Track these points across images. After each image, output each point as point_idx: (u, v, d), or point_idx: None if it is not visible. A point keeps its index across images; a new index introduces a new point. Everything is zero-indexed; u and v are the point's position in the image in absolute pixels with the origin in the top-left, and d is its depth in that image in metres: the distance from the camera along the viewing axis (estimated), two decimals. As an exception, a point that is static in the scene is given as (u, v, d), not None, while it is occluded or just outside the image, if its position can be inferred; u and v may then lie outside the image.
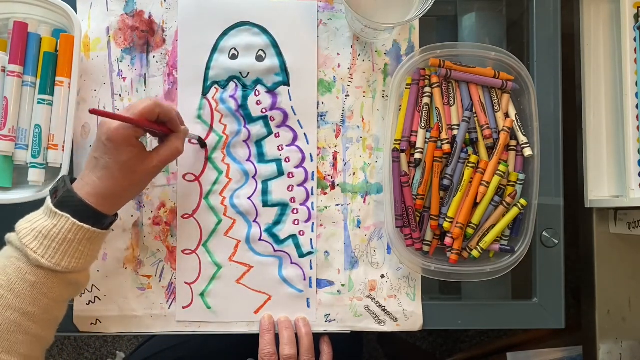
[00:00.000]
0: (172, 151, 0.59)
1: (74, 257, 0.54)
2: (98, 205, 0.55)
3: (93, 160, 0.55)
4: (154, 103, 0.56)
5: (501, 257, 0.65)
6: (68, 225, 0.53)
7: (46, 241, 0.52)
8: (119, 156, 0.54)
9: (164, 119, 0.58)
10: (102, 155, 0.54)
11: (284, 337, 0.64)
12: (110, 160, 0.54)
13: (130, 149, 0.55)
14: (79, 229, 0.53)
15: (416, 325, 0.67)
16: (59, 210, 0.53)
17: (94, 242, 0.55)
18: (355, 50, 0.68)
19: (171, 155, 0.59)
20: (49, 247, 0.52)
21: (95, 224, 0.55)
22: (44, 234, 0.52)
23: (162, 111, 0.56)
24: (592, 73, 0.72)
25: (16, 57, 0.62)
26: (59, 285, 0.54)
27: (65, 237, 0.53)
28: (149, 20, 0.68)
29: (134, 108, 0.55)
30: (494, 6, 0.73)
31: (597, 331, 0.74)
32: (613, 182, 0.71)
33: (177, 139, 0.59)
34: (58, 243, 0.53)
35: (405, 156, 0.66)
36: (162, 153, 0.58)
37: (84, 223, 0.54)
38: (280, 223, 0.67)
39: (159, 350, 0.83)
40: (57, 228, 0.53)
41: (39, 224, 0.53)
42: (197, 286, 0.67)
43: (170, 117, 0.58)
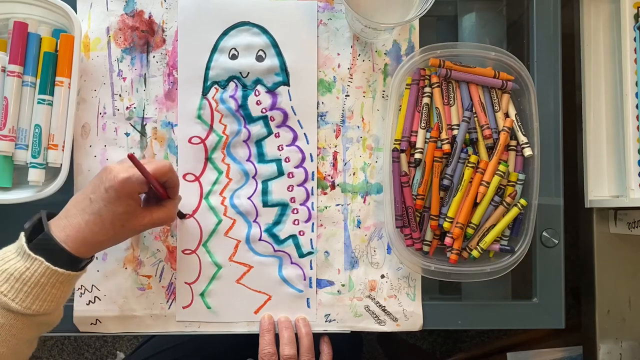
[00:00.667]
0: (166, 216, 0.58)
1: (45, 300, 0.52)
2: (75, 249, 0.53)
3: (87, 200, 0.53)
4: (170, 167, 0.56)
5: (501, 257, 0.65)
6: (41, 270, 0.51)
7: (17, 284, 0.50)
8: (116, 207, 0.53)
9: (168, 185, 0.58)
10: (99, 200, 0.53)
11: (283, 337, 0.64)
12: (106, 208, 0.53)
13: (130, 202, 0.54)
14: (53, 273, 0.51)
15: (416, 325, 0.67)
16: (32, 253, 0.51)
17: (67, 284, 0.53)
18: (355, 50, 0.68)
19: (164, 220, 0.59)
20: (20, 291, 0.50)
21: (70, 268, 0.53)
22: (16, 276, 0.50)
23: (171, 176, 0.57)
24: (592, 73, 0.72)
25: (16, 57, 0.62)
26: (29, 327, 0.52)
27: (38, 281, 0.51)
28: (149, 20, 0.68)
29: (149, 164, 0.55)
30: (494, 6, 0.73)
31: (597, 331, 0.74)
32: (613, 182, 0.71)
33: (173, 207, 0.60)
34: (30, 287, 0.50)
35: (405, 156, 0.66)
36: (156, 215, 0.58)
37: (59, 267, 0.51)
38: (280, 223, 0.67)
39: (159, 351, 0.83)
40: (30, 271, 0.50)
41: (10, 265, 0.51)
42: (197, 286, 0.67)
43: (175, 185, 0.59)
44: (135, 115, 0.67)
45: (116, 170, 0.53)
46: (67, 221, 0.53)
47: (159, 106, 0.68)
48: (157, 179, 0.56)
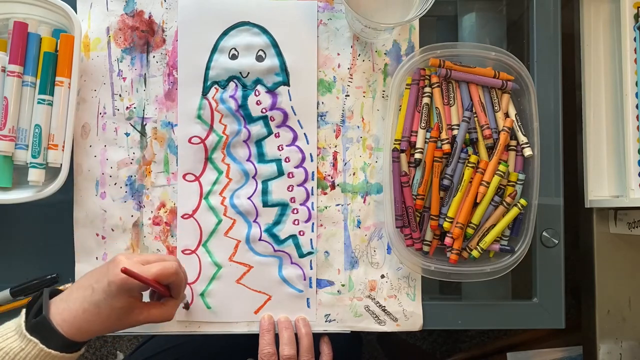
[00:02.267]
0: (165, 315, 0.58)
1: None
2: (70, 334, 0.53)
3: (89, 289, 0.54)
4: (175, 270, 0.55)
5: (501, 257, 0.65)
6: (35, 351, 0.51)
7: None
8: (115, 302, 0.53)
9: (172, 286, 0.58)
10: (100, 291, 0.53)
11: (283, 337, 0.64)
12: (105, 301, 0.53)
13: (129, 299, 0.54)
14: (46, 355, 0.52)
15: (416, 325, 0.67)
16: (28, 334, 0.52)
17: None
18: (355, 50, 0.68)
19: (162, 318, 0.58)
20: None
21: (64, 350, 0.53)
22: (11, 356, 0.51)
23: (176, 279, 0.56)
24: (592, 73, 0.72)
25: (16, 57, 0.62)
26: None
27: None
28: (149, 20, 0.68)
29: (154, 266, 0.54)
30: (494, 6, 0.73)
31: (597, 331, 0.74)
32: (613, 182, 0.71)
33: (173, 307, 0.59)
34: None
35: (405, 156, 0.66)
36: (154, 314, 0.57)
37: (52, 349, 0.52)
38: (280, 223, 0.67)
39: (159, 351, 0.83)
40: (24, 352, 0.51)
41: (7, 345, 0.52)
42: (197, 286, 0.67)
43: (179, 286, 0.58)
44: (135, 115, 0.67)
45: (123, 264, 0.53)
46: (67, 305, 0.54)
47: (159, 106, 0.68)
48: (161, 281, 0.55)
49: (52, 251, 0.67)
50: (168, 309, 0.58)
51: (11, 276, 0.66)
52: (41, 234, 0.67)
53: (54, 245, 0.67)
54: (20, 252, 0.68)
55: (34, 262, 0.67)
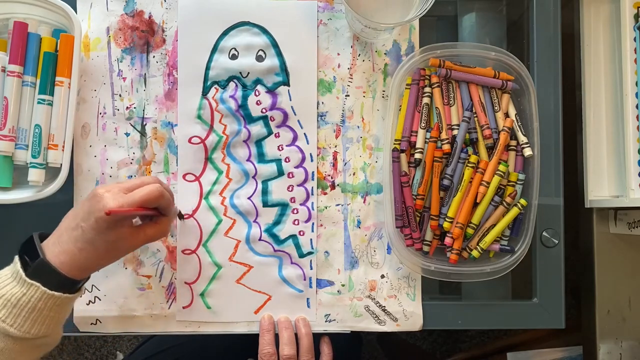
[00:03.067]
0: (159, 233, 0.58)
1: (43, 324, 0.52)
2: (72, 273, 0.53)
3: (78, 229, 0.52)
4: (159, 193, 0.55)
5: (501, 257, 0.65)
6: (38, 295, 0.51)
7: (15, 310, 0.51)
8: (108, 236, 0.53)
9: (161, 207, 0.57)
10: (89, 230, 0.52)
11: (283, 337, 0.64)
12: (98, 238, 0.52)
13: (120, 229, 0.54)
14: (50, 297, 0.51)
15: (416, 325, 0.67)
16: (28, 279, 0.51)
17: (65, 306, 0.54)
18: (355, 50, 0.68)
19: (158, 236, 0.58)
20: (18, 316, 0.51)
21: (67, 291, 0.53)
22: (13, 302, 0.50)
23: (163, 201, 0.56)
24: (592, 73, 0.72)
25: (16, 57, 0.62)
26: (28, 350, 0.52)
27: (35, 306, 0.51)
28: (149, 20, 0.68)
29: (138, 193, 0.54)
30: (494, 6, 0.73)
31: (597, 331, 0.74)
32: (613, 182, 0.71)
33: (167, 223, 0.59)
34: (27, 312, 0.51)
35: (405, 156, 0.66)
36: (149, 233, 0.57)
37: (55, 291, 0.52)
38: (280, 223, 0.67)
39: (159, 351, 0.83)
40: (27, 297, 0.51)
41: (7, 291, 0.51)
42: (197, 286, 0.67)
43: (167, 205, 0.57)
44: (135, 115, 0.67)
45: (105, 200, 0.52)
46: (61, 247, 0.53)
47: (159, 106, 0.68)
48: (148, 206, 0.55)
49: (52, 251, 0.67)
50: (162, 226, 0.58)
51: (11, 276, 0.66)
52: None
53: (54, 245, 0.67)
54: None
55: (34, 262, 0.67)
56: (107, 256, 0.55)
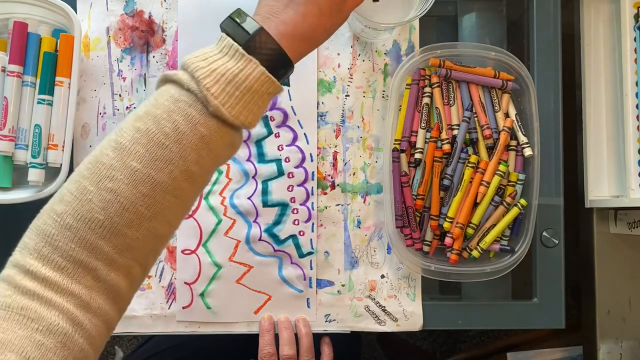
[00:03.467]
0: None
1: (251, 111, 0.43)
2: (291, 50, 0.44)
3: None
4: None
5: (501, 257, 0.65)
6: (256, 74, 0.42)
7: (229, 87, 0.42)
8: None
9: None
10: None
11: (283, 337, 0.64)
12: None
13: None
14: (265, 81, 0.43)
15: (416, 325, 0.67)
16: (247, 54, 0.42)
17: (270, 98, 0.45)
18: (355, 50, 0.68)
19: None
20: (232, 95, 0.42)
21: (282, 75, 0.45)
22: (229, 78, 0.42)
23: None
24: (592, 73, 0.72)
25: (16, 57, 0.62)
26: (223, 144, 0.43)
27: (252, 86, 0.42)
28: (149, 20, 0.68)
29: None
30: (494, 6, 0.73)
31: (597, 331, 0.74)
32: (613, 182, 0.71)
33: None
34: (242, 92, 0.42)
35: (405, 156, 0.66)
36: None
37: (273, 74, 0.43)
38: (280, 223, 0.67)
39: (159, 351, 0.83)
40: (244, 74, 0.42)
41: (220, 65, 0.42)
42: (197, 286, 0.67)
43: None
44: (135, 115, 0.67)
45: None
46: (278, 18, 0.44)
47: (159, 106, 0.67)
48: None
49: (52, 251, 0.67)
50: None
51: (11, 276, 0.66)
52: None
53: (54, 245, 0.67)
54: (20, 252, 0.67)
55: (34, 262, 0.67)
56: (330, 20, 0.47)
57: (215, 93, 0.41)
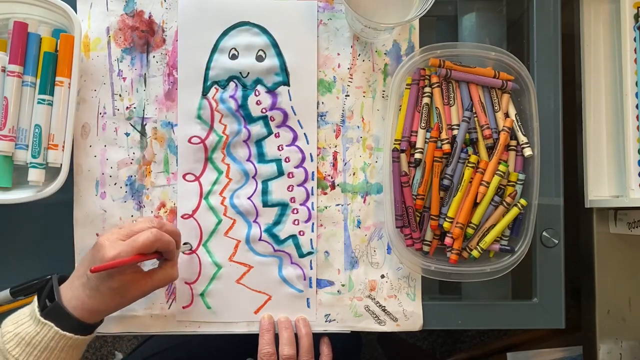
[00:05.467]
0: (166, 278, 0.59)
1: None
2: (83, 317, 0.55)
3: (84, 276, 0.55)
4: (155, 238, 0.55)
5: (501, 257, 0.65)
6: (51, 334, 0.53)
7: (28, 348, 0.53)
8: (111, 283, 0.54)
9: (161, 250, 0.58)
10: (93, 278, 0.54)
11: (283, 337, 0.64)
12: (101, 284, 0.54)
13: (122, 277, 0.55)
14: (62, 337, 0.53)
15: (416, 325, 0.67)
16: (42, 319, 0.53)
17: (76, 348, 0.56)
18: (355, 50, 0.68)
19: (165, 281, 0.59)
20: (31, 354, 0.53)
21: (79, 332, 0.55)
22: (27, 340, 0.53)
23: (161, 244, 0.56)
24: (592, 73, 0.72)
25: (16, 57, 0.62)
26: None
27: (48, 345, 0.53)
28: (149, 20, 0.68)
29: (134, 240, 0.54)
30: (494, 6, 0.73)
31: (597, 331, 0.74)
32: (613, 182, 0.71)
33: (172, 267, 0.60)
34: (40, 350, 0.53)
35: (405, 156, 0.66)
36: (156, 278, 0.58)
37: (67, 332, 0.54)
38: (280, 223, 0.67)
39: (159, 350, 0.83)
40: (40, 336, 0.53)
41: (22, 330, 0.53)
42: (197, 286, 0.67)
43: (168, 249, 0.58)
44: (135, 115, 0.67)
45: (104, 250, 0.54)
46: (72, 293, 0.55)
47: (159, 106, 0.68)
48: (145, 252, 0.55)
49: (52, 251, 0.67)
50: (168, 270, 0.59)
51: (11, 276, 0.66)
52: (41, 234, 0.67)
53: (54, 245, 0.67)
54: (20, 252, 0.68)
55: (34, 262, 0.67)
56: (114, 302, 0.56)
57: (15, 355, 0.52)
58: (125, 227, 0.58)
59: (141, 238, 0.55)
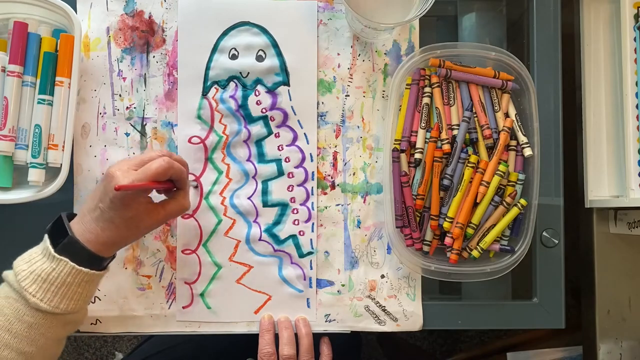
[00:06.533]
0: (179, 207, 0.59)
1: (72, 299, 0.54)
2: (98, 250, 0.55)
3: (97, 210, 0.54)
4: (168, 164, 0.55)
5: (501, 257, 0.65)
6: (67, 269, 0.53)
7: (45, 284, 0.53)
8: (125, 212, 0.54)
9: (174, 178, 0.58)
10: (107, 209, 0.54)
11: (283, 337, 0.64)
12: (116, 215, 0.54)
13: (137, 206, 0.55)
14: (78, 272, 0.54)
15: (416, 325, 0.67)
16: (57, 255, 0.53)
17: (92, 283, 0.56)
18: (355, 50, 0.68)
19: (178, 211, 0.59)
20: (48, 291, 0.53)
21: (94, 266, 0.55)
22: (43, 277, 0.53)
23: (174, 172, 0.56)
24: (592, 73, 0.72)
25: (16, 57, 0.62)
26: (56, 326, 0.54)
27: (64, 280, 0.53)
28: (149, 20, 0.68)
29: (147, 168, 0.55)
30: (494, 6, 0.73)
31: (597, 331, 0.74)
32: (613, 182, 0.71)
33: (184, 197, 0.60)
34: (57, 286, 0.53)
35: (405, 156, 0.66)
36: (169, 209, 0.58)
37: (83, 267, 0.54)
38: (280, 223, 0.67)
39: (159, 350, 0.83)
40: (56, 272, 0.53)
41: (37, 267, 0.53)
42: (197, 286, 0.67)
43: (180, 177, 0.58)
44: (135, 115, 0.67)
45: (117, 179, 0.53)
46: (84, 227, 0.55)
47: (159, 106, 0.68)
48: (158, 179, 0.56)
49: (52, 251, 0.67)
50: (180, 199, 0.59)
51: (11, 276, 0.66)
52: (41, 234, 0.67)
53: (54, 245, 0.67)
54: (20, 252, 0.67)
55: (34, 262, 0.67)
56: (129, 233, 0.56)
57: (32, 292, 0.52)
58: (134, 157, 0.58)
59: (154, 165, 0.55)
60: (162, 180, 0.56)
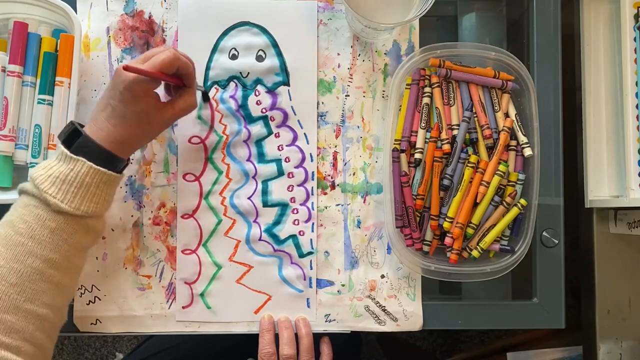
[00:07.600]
0: (187, 105, 0.60)
1: (92, 200, 0.54)
2: (111, 148, 0.55)
3: (108, 107, 0.55)
4: (174, 56, 0.56)
5: (501, 257, 0.65)
6: (85, 169, 0.53)
7: (64, 186, 0.52)
8: (136, 106, 0.55)
9: (181, 72, 0.58)
10: (118, 103, 0.54)
11: (283, 337, 0.64)
12: (127, 109, 0.54)
13: (147, 99, 0.56)
14: (96, 173, 0.54)
15: (416, 325, 0.67)
16: (74, 155, 0.53)
17: (110, 185, 0.56)
18: (355, 50, 0.68)
19: (186, 108, 0.60)
20: (67, 192, 0.52)
21: (110, 167, 0.55)
22: (62, 178, 0.52)
23: (181, 64, 0.57)
24: (592, 73, 0.72)
25: (16, 57, 0.62)
26: (78, 231, 0.54)
27: (83, 180, 0.53)
28: (149, 20, 0.68)
29: (154, 60, 0.55)
30: (494, 6, 0.73)
31: (597, 331, 0.74)
32: (613, 182, 0.71)
33: (191, 94, 0.60)
34: (76, 187, 0.53)
35: (405, 156, 0.66)
36: (177, 106, 0.59)
37: (100, 166, 0.54)
38: (280, 223, 0.67)
39: (158, 350, 0.83)
40: (74, 172, 0.53)
41: (55, 170, 0.53)
42: (197, 286, 0.67)
43: (187, 71, 0.58)
44: (135, 115, 0.67)
45: (126, 72, 0.53)
46: (97, 126, 0.55)
47: (159, 106, 0.67)
48: (165, 70, 0.56)
49: (52, 251, 0.67)
50: (188, 97, 0.60)
51: (11, 276, 0.66)
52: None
53: (54, 245, 0.67)
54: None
55: (34, 262, 0.67)
56: (141, 129, 0.57)
57: (52, 193, 0.52)
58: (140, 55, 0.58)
59: (161, 57, 0.55)
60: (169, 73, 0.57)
